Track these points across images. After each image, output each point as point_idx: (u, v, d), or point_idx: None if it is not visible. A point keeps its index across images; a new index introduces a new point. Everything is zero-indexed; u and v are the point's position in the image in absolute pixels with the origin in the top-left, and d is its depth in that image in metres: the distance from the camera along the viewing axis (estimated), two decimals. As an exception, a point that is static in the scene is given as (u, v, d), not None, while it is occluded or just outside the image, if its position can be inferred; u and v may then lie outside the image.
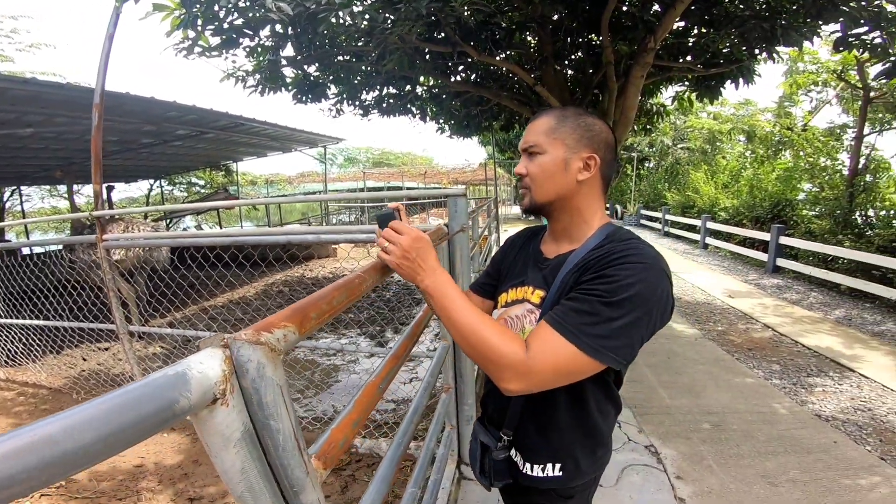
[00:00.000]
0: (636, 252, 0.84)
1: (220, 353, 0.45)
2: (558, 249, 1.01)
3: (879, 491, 2.41)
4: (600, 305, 0.78)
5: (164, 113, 6.13)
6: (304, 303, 0.65)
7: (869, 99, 7.72)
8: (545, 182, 0.95)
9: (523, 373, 0.79)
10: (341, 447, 0.75)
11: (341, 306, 0.74)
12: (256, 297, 7.59)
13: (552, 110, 0.99)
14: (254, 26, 3.86)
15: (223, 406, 0.44)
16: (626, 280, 0.79)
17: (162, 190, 15.06)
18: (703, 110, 14.58)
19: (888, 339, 4.82)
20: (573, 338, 0.78)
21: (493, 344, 0.81)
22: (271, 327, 0.53)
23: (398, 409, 3.75)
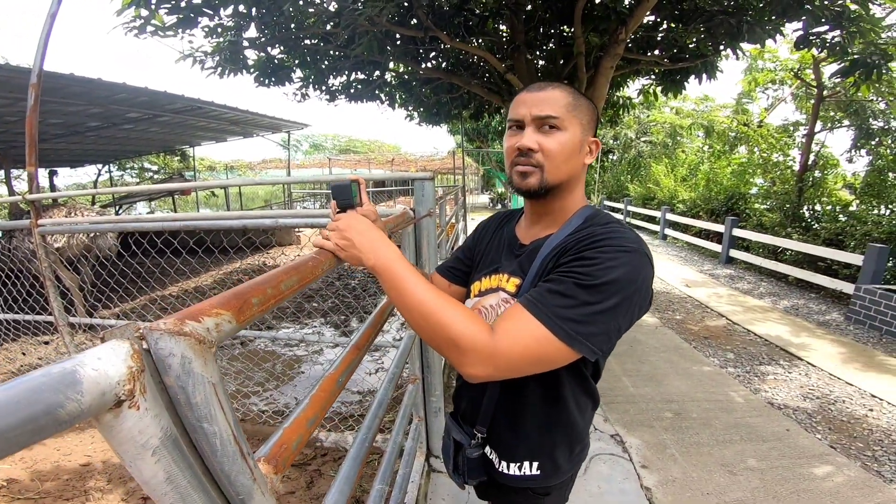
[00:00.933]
0: (618, 235, 0.78)
1: (126, 346, 0.36)
2: (535, 234, 0.95)
3: (832, 480, 2.51)
4: (577, 288, 0.72)
5: (111, 95, 5.73)
6: (245, 287, 0.56)
7: (822, 97, 8.10)
8: (563, 163, 0.86)
9: (487, 356, 0.70)
10: (295, 448, 0.67)
11: (290, 291, 0.65)
12: (213, 286, 7.27)
13: (561, 84, 0.89)
14: (214, 5, 3.63)
15: (132, 409, 0.36)
16: (607, 263, 0.73)
17: (111, 175, 14.22)
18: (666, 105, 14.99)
19: (833, 329, 5.09)
20: (546, 320, 0.70)
21: (453, 324, 0.71)
22: (200, 315, 0.44)
23: (364, 400, 3.67)
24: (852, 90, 6.74)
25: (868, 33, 4.05)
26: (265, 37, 4.46)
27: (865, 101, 7.85)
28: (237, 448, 0.49)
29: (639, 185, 15.02)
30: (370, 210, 0.95)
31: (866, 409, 3.33)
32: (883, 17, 5.04)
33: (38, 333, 4.68)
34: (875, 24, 4.04)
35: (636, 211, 13.83)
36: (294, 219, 2.01)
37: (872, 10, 3.99)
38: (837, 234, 6.83)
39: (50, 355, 4.60)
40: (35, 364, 4.24)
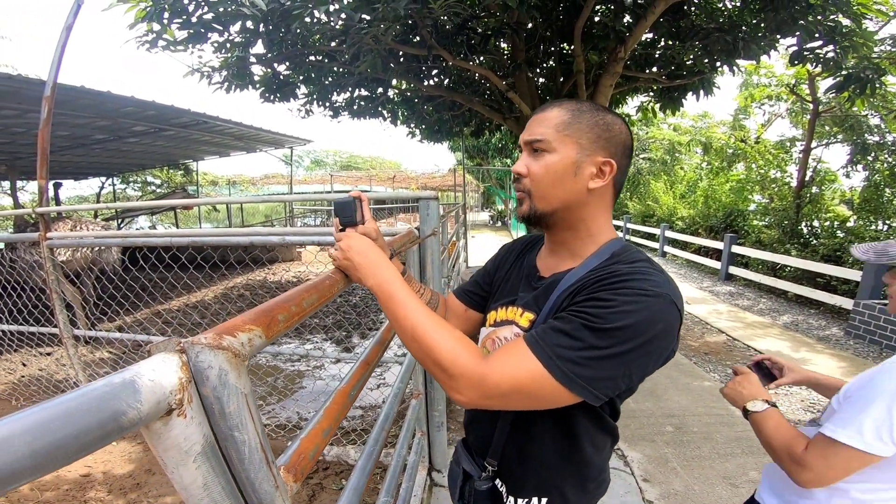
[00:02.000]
0: (642, 276, 0.72)
1: (176, 358, 0.40)
2: (555, 266, 0.89)
3: None
4: (585, 330, 0.67)
5: (119, 108, 5.83)
6: (271, 304, 0.59)
7: (818, 113, 8.21)
8: (550, 187, 0.81)
9: (476, 382, 0.68)
10: (311, 458, 0.70)
11: (311, 308, 0.69)
12: (215, 300, 7.28)
13: (565, 102, 0.83)
14: (224, 21, 3.72)
15: (180, 417, 0.39)
16: (622, 307, 0.67)
17: (114, 188, 14.33)
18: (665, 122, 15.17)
19: (833, 344, 5.10)
20: (543, 356, 0.67)
21: (444, 348, 0.70)
22: (235, 330, 0.48)
23: (366, 415, 3.67)
24: (847, 105, 6.86)
25: (861, 48, 4.15)
26: (272, 53, 4.55)
27: (860, 116, 7.94)
28: (263, 456, 0.52)
29: (638, 202, 15.11)
30: (372, 228, 0.93)
31: (867, 425, 3.32)
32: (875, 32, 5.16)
33: (39, 345, 4.69)
34: (868, 39, 4.14)
35: (635, 228, 13.89)
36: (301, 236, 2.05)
37: (865, 25, 4.08)
38: (836, 249, 6.88)
39: (51, 366, 4.60)
40: (36, 375, 4.24)
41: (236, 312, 3.30)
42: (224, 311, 6.25)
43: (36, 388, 3.86)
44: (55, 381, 3.94)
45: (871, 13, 4.01)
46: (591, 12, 4.15)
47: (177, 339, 0.44)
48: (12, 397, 3.85)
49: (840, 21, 3.96)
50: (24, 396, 3.82)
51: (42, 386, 3.89)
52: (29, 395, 3.83)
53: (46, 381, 3.92)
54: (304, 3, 3.23)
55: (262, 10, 3.34)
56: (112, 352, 4.88)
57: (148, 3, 3.45)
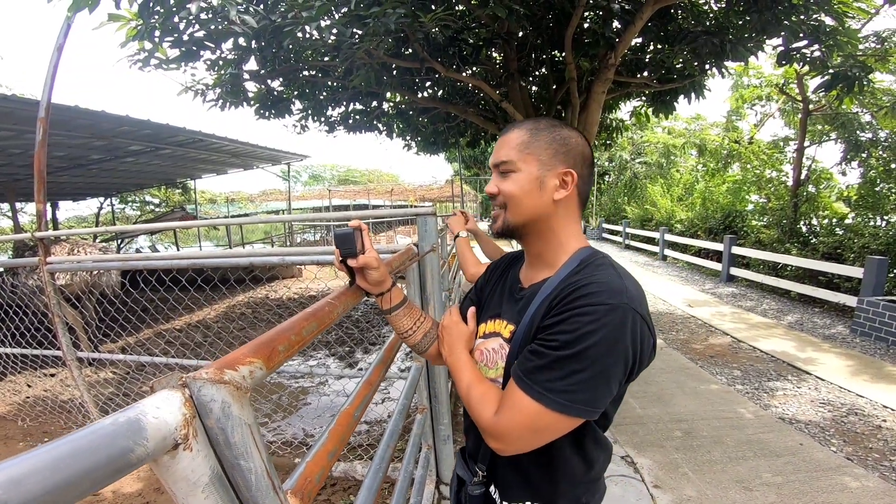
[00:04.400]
0: (602, 289, 0.76)
1: (179, 395, 0.40)
2: (533, 277, 0.94)
3: (851, 491, 2.49)
4: (563, 359, 0.73)
5: (115, 127, 5.86)
6: (271, 335, 0.60)
7: (808, 111, 8.27)
8: (519, 203, 0.88)
9: (495, 435, 0.79)
10: (318, 481, 0.69)
11: (311, 336, 0.69)
12: (217, 319, 7.26)
13: (524, 123, 0.90)
14: (216, 39, 3.75)
15: (186, 451, 0.39)
16: (587, 328, 0.73)
17: (113, 208, 14.35)
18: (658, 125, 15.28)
19: (839, 342, 5.08)
20: (539, 396, 0.74)
21: (474, 405, 0.85)
22: (236, 364, 0.48)
23: (371, 430, 3.65)
24: (836, 103, 6.92)
25: (845, 46, 4.19)
26: (265, 69, 4.59)
27: (851, 114, 8.00)
28: (270, 482, 0.52)
29: (636, 206, 15.15)
30: (372, 257, 0.97)
31: (879, 419, 3.31)
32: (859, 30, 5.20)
33: (43, 367, 4.70)
34: (852, 37, 4.19)
35: (634, 233, 13.91)
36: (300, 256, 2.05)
37: (848, 23, 4.13)
38: (836, 247, 6.88)
39: (55, 387, 4.60)
40: (41, 396, 4.24)
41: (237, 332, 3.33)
42: (225, 331, 6.22)
43: (41, 409, 3.88)
44: (60, 401, 3.95)
45: (852, 11, 4.06)
46: (580, 20, 4.20)
47: (179, 374, 0.44)
48: (18, 417, 3.88)
49: (823, 20, 4.01)
50: (31, 417, 3.85)
51: (48, 407, 3.90)
52: (35, 416, 3.85)
53: (52, 402, 3.94)
54: (294, 20, 3.26)
55: (253, 28, 3.37)
56: (116, 372, 4.89)
57: (139, 21, 3.48)
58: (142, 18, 3.46)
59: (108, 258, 3.01)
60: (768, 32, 4.10)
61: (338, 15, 3.72)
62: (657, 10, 3.93)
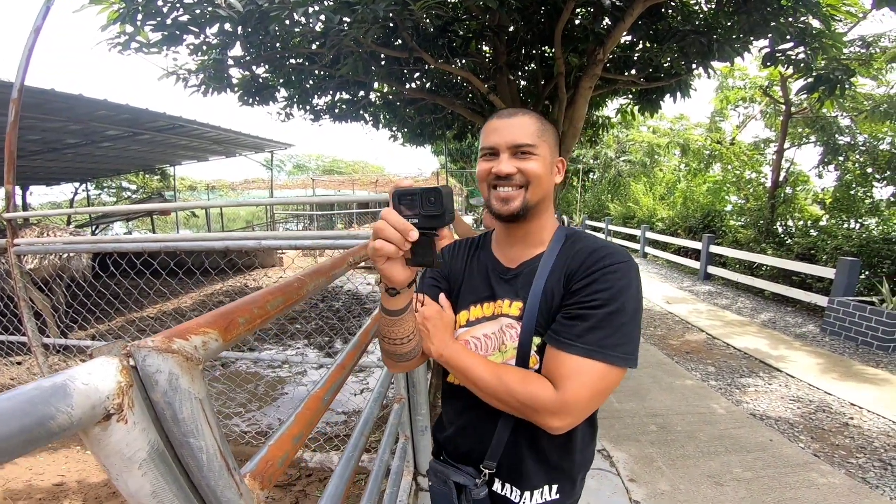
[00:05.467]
0: (613, 250, 0.87)
1: (116, 362, 0.37)
2: (521, 255, 0.98)
3: (818, 488, 2.55)
4: (609, 315, 0.80)
5: (92, 112, 5.68)
6: (231, 306, 0.57)
7: (790, 114, 8.44)
8: (540, 182, 0.92)
9: (559, 409, 0.79)
10: (281, 465, 0.67)
11: (276, 311, 0.66)
12: (193, 307, 7.13)
13: (526, 111, 0.95)
14: (200, 23, 3.64)
15: (121, 423, 0.36)
16: (620, 282, 0.82)
17: (88, 194, 13.95)
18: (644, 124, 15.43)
19: (810, 341, 5.22)
20: (600, 356, 0.79)
21: (521, 392, 0.82)
22: (188, 333, 0.45)
23: (349, 420, 3.63)
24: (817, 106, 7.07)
25: (830, 49, 4.27)
26: (250, 55, 4.47)
27: (831, 118, 8.18)
28: (223, 463, 0.49)
29: (619, 204, 15.31)
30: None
31: (846, 417, 3.41)
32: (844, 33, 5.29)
33: (9, 354, 4.54)
34: (837, 40, 4.26)
35: (617, 230, 14.06)
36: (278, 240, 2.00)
37: (834, 26, 4.20)
38: (810, 248, 7.05)
39: (22, 375, 4.46)
40: (7, 384, 4.11)
41: (212, 318, 3.18)
42: (202, 318, 6.08)
43: (5, 399, 3.74)
44: (24, 391, 3.82)
45: (839, 14, 4.13)
46: (570, 15, 4.18)
47: (122, 343, 0.41)
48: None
49: (810, 23, 4.07)
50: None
51: (11, 397, 3.76)
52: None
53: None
54: (281, 4, 3.18)
55: (239, 12, 3.27)
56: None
57: (121, 4, 3.36)
58: (124, 2, 3.34)
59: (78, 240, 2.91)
60: (756, 33, 4.15)
61: (327, 2, 3.65)
62: (647, 7, 3.94)
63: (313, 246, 1.99)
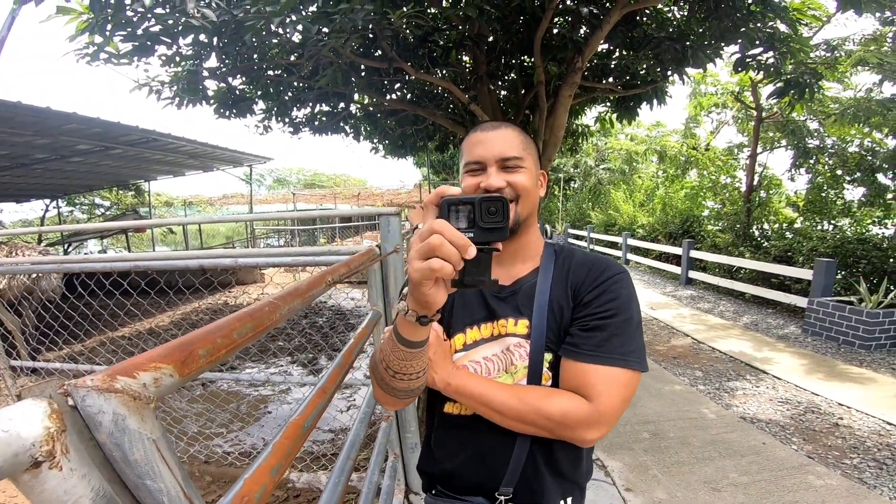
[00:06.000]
0: (609, 261, 0.92)
1: (43, 405, 0.31)
2: (514, 273, 0.95)
3: (816, 490, 2.53)
4: (623, 323, 0.84)
5: (61, 125, 5.49)
6: (191, 336, 0.50)
7: (761, 119, 8.67)
8: (529, 196, 0.89)
9: (596, 420, 0.80)
10: (258, 500, 0.60)
11: (244, 339, 0.59)
12: (169, 327, 6.90)
13: (508, 123, 0.93)
14: (173, 34, 3.55)
15: (54, 470, 0.30)
16: (625, 291, 0.87)
17: (59, 211, 13.51)
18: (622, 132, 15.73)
19: (792, 342, 5.29)
20: (624, 363, 0.81)
21: (552, 409, 0.80)
22: (135, 370, 0.40)
23: (336, 439, 3.53)
24: (787, 110, 7.28)
25: (798, 53, 4.42)
26: (226, 67, 4.39)
27: (800, 121, 8.43)
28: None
29: (600, 211, 15.50)
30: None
31: (836, 417, 3.43)
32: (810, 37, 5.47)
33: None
34: (804, 45, 4.41)
35: (599, 238, 14.21)
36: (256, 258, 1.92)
37: (801, 31, 4.34)
38: (786, 250, 7.20)
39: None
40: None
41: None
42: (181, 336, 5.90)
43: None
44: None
45: (806, 19, 4.27)
46: (549, 24, 4.23)
47: (60, 381, 0.35)
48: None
49: (778, 28, 4.20)
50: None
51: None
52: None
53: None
54: (257, 15, 3.12)
55: (213, 22, 3.20)
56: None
57: (89, 14, 3.26)
58: (93, 12, 3.23)
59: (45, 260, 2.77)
60: (726, 39, 4.27)
61: (305, 12, 3.60)
62: (623, 15, 4.00)
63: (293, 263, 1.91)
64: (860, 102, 7.17)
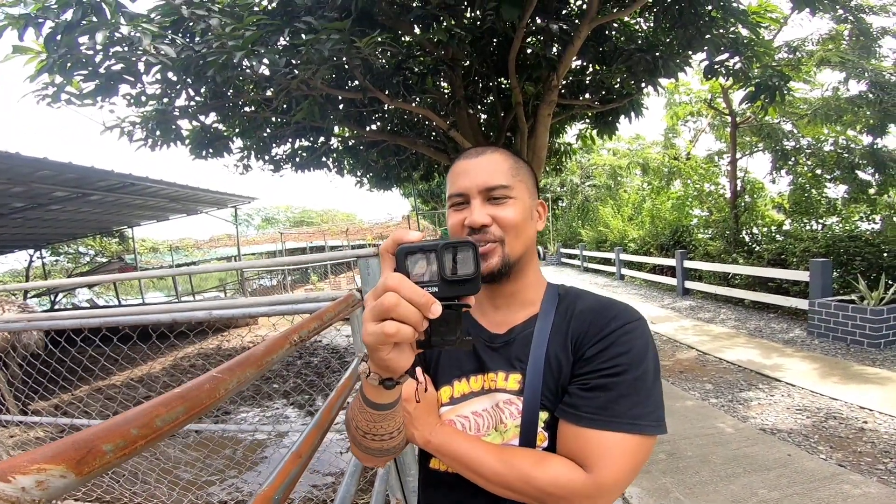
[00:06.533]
0: (621, 308, 0.77)
1: None
2: (509, 321, 0.83)
3: (853, 499, 2.37)
4: (634, 382, 0.70)
5: (33, 171, 5.36)
6: (93, 431, 0.38)
7: (736, 124, 8.79)
8: (520, 233, 0.77)
9: (595, 493, 0.67)
10: None
11: (171, 427, 0.45)
12: (163, 373, 6.62)
13: (496, 148, 0.82)
14: (135, 71, 3.47)
15: None
16: (638, 343, 0.73)
17: (43, 262, 13.20)
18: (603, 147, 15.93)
19: (799, 345, 5.15)
20: (633, 428, 0.68)
21: (541, 478, 0.68)
22: (12, 473, 0.31)
23: (336, 482, 3.34)
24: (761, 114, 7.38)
25: (763, 56, 4.46)
26: (196, 105, 4.31)
27: (774, 124, 8.54)
28: None
29: (590, 229, 15.52)
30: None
31: (860, 421, 3.26)
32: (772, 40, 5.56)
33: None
34: (767, 48, 4.46)
35: (591, 255, 14.16)
36: (229, 310, 1.78)
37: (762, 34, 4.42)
38: (779, 253, 7.16)
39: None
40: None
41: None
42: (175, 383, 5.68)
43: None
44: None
45: (765, 21, 4.35)
46: (522, 43, 4.23)
47: None
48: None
49: (740, 32, 4.26)
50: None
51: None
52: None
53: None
54: (220, 49, 3.04)
55: (172, 58, 3.11)
56: (47, 430, 4.39)
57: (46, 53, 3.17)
58: (49, 51, 3.15)
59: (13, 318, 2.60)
60: (693, 47, 4.33)
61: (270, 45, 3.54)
62: (592, 29, 4.02)
63: (269, 313, 1.78)
64: (829, 101, 7.29)
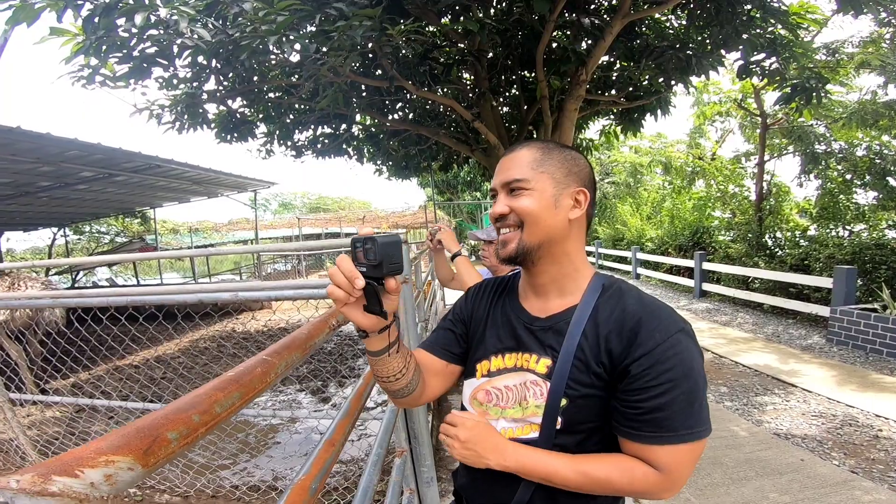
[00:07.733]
0: (665, 318, 0.78)
1: None
2: (548, 306, 0.88)
3: None
4: (685, 396, 0.74)
5: (63, 151, 5.48)
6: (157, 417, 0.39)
7: (766, 126, 8.56)
8: (536, 221, 0.83)
9: (669, 487, 0.77)
10: None
11: (229, 412, 0.47)
12: (176, 354, 6.77)
13: (531, 142, 0.88)
14: (169, 55, 3.52)
15: None
16: (685, 356, 0.75)
17: (66, 240, 13.54)
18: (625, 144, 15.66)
19: (818, 352, 5.07)
20: (691, 437, 0.74)
21: (619, 484, 0.77)
22: (79, 466, 0.31)
23: (348, 470, 3.40)
24: (794, 116, 7.18)
25: (801, 58, 4.33)
26: (225, 89, 4.36)
27: (807, 126, 8.30)
28: None
29: (607, 226, 15.33)
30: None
31: (875, 429, 3.23)
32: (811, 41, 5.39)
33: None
34: (806, 49, 4.32)
35: (607, 252, 14.01)
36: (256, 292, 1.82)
37: (802, 35, 4.28)
38: (802, 258, 7.01)
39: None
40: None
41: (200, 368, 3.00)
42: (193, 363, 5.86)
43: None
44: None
45: (805, 23, 4.21)
46: (550, 37, 4.18)
47: None
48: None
49: (779, 32, 4.13)
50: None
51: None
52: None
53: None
54: (253, 34, 3.07)
55: (208, 42, 3.15)
56: (63, 410, 4.48)
57: (84, 35, 3.22)
58: (86, 33, 3.20)
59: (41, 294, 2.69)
60: (728, 46, 4.22)
61: (302, 30, 3.56)
62: (624, 25, 3.95)
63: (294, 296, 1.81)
64: (865, 105, 7.07)
